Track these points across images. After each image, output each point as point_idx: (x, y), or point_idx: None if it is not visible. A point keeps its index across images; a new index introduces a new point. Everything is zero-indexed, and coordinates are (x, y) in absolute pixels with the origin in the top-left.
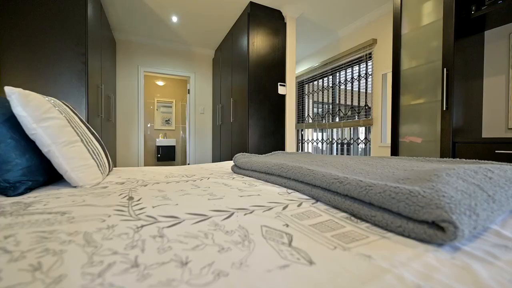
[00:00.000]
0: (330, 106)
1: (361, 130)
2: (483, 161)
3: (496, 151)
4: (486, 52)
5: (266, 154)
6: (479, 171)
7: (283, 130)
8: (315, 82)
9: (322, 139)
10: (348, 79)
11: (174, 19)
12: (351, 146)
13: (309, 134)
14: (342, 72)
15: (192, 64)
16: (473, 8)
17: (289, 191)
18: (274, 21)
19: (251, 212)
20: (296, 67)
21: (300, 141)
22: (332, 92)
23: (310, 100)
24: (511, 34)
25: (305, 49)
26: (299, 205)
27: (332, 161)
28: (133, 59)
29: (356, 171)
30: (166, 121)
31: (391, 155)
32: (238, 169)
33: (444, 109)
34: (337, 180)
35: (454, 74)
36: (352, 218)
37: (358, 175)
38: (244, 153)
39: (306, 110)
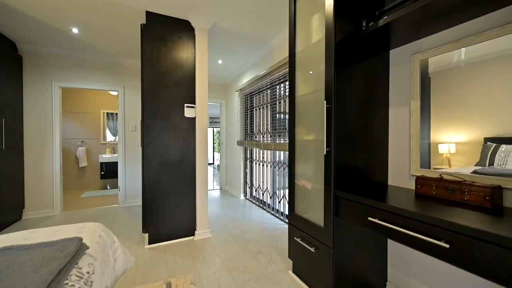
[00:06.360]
0: (269, 124)
1: None
2: None
3: (368, 219)
4: (391, 76)
5: None
6: None
7: (193, 158)
8: (260, 95)
9: (261, 159)
10: (282, 95)
11: (75, 30)
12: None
13: (263, 153)
14: (277, 87)
15: (121, 77)
16: (364, 23)
17: None
18: (179, 33)
19: None
20: (241, 78)
21: (250, 160)
22: (271, 109)
23: (256, 114)
24: (413, 56)
25: (247, 60)
26: None
27: None
28: (46, 73)
29: None
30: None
31: (289, 199)
32: None
33: (325, 153)
34: None
35: (337, 105)
36: None
37: None
38: None
39: (255, 125)
